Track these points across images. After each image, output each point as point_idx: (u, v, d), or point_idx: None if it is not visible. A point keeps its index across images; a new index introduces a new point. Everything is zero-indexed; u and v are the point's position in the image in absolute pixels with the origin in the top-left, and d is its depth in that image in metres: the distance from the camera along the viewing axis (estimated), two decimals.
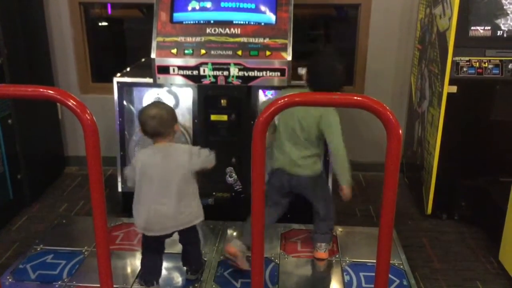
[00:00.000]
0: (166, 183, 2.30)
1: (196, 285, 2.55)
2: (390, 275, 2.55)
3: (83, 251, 2.81)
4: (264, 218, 1.57)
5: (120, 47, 4.82)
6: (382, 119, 1.46)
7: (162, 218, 2.32)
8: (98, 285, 1.71)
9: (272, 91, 3.07)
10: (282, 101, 1.50)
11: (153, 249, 2.46)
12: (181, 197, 2.32)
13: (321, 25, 4.62)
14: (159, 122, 2.31)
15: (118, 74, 3.17)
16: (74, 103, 1.50)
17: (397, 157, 1.51)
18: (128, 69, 3.37)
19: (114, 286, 2.23)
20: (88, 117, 1.50)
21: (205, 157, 2.41)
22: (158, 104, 2.55)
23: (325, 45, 4.59)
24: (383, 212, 1.55)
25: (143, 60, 3.57)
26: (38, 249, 2.84)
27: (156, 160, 2.32)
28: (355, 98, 1.53)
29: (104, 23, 4.61)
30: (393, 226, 1.57)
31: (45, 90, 1.53)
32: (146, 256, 2.49)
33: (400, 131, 1.49)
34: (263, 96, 3.11)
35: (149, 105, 2.44)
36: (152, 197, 2.31)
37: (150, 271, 2.49)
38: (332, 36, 4.62)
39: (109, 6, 4.32)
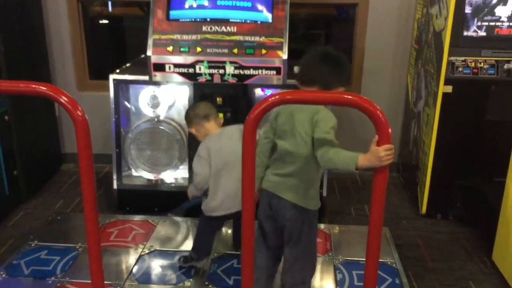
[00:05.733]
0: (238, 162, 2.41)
1: (188, 282, 2.55)
2: (382, 274, 2.59)
3: (77, 247, 2.82)
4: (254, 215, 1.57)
5: (120, 45, 4.83)
6: (371, 117, 1.47)
7: (236, 197, 2.41)
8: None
9: (271, 89, 3.07)
10: (273, 98, 1.50)
11: (213, 227, 2.62)
12: None
13: (319, 24, 4.63)
14: None
15: (117, 71, 3.18)
16: (66, 99, 1.50)
17: None
18: (125, 66, 3.38)
19: (107, 282, 2.25)
20: (80, 114, 1.50)
21: None
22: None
23: (324, 43, 4.59)
24: (373, 209, 1.56)
25: (142, 56, 3.57)
26: (33, 245, 2.85)
27: (223, 143, 2.51)
28: (345, 96, 1.54)
29: (105, 21, 4.62)
30: (382, 222, 1.58)
31: (37, 86, 1.53)
32: (204, 235, 2.62)
33: (389, 130, 1.51)
34: (261, 94, 3.11)
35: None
36: (232, 177, 2.42)
37: (205, 246, 2.62)
38: (330, 35, 4.62)
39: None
